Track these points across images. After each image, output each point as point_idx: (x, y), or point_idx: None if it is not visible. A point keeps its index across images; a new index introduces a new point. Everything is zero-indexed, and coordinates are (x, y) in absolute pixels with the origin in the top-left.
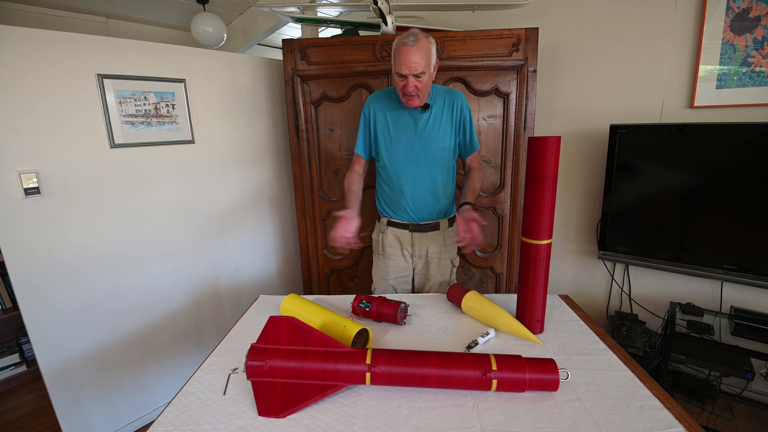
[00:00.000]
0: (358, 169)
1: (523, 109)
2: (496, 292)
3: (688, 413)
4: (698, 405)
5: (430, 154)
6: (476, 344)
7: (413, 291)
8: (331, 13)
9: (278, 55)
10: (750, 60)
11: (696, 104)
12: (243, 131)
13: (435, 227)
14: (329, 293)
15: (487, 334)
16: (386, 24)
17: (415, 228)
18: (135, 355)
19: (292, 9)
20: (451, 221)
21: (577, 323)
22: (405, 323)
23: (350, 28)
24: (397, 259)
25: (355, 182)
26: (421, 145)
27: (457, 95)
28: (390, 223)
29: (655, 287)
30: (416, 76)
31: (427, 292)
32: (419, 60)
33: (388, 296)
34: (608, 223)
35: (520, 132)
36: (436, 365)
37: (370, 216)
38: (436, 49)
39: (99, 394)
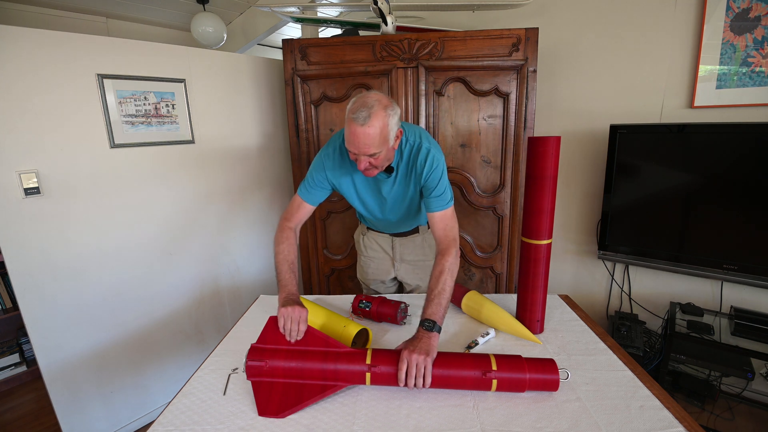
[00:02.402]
0: (295, 223)
1: (523, 109)
2: (496, 292)
3: (688, 413)
4: (698, 405)
5: (403, 207)
6: (476, 344)
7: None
8: (331, 13)
9: (278, 55)
10: (750, 60)
11: (696, 104)
12: (243, 131)
13: (415, 231)
14: (329, 293)
15: (487, 334)
16: (386, 24)
17: (397, 234)
18: (135, 355)
19: (292, 9)
20: None
21: (577, 323)
22: (405, 323)
23: (350, 28)
24: (378, 261)
25: (294, 254)
26: (392, 205)
27: (420, 158)
28: (371, 229)
29: (655, 287)
30: (370, 154)
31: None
32: (370, 142)
33: (389, 296)
34: (608, 223)
35: (520, 132)
36: (436, 365)
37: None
38: (397, 119)
39: (99, 394)
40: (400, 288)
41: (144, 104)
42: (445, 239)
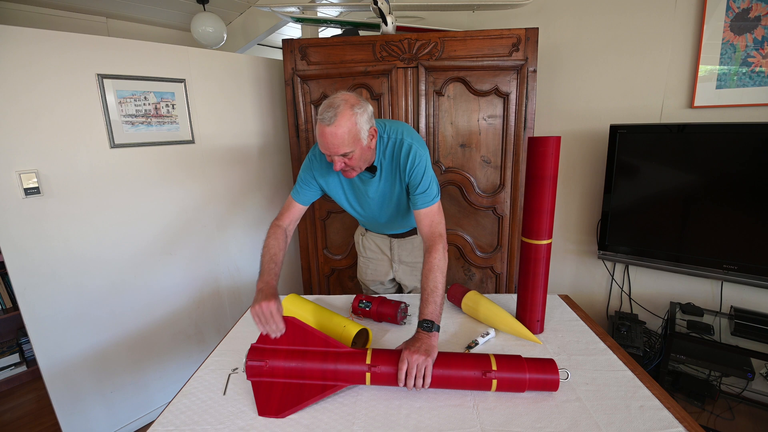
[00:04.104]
0: (287, 222)
1: (523, 109)
2: (496, 292)
3: (688, 413)
4: (698, 405)
5: (391, 206)
6: (476, 344)
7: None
8: (331, 13)
9: (278, 55)
10: (750, 60)
11: (696, 104)
12: (243, 131)
13: (413, 232)
14: (329, 293)
15: (487, 334)
16: (386, 24)
17: (394, 235)
18: (135, 355)
19: (292, 9)
20: None
21: (577, 323)
22: (405, 323)
23: (350, 28)
24: (376, 262)
25: (279, 247)
26: (380, 205)
27: (402, 154)
28: (369, 230)
29: (655, 287)
30: (342, 154)
31: None
32: (339, 142)
33: (389, 296)
34: (608, 223)
35: (520, 132)
36: (436, 365)
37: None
38: (368, 117)
39: (99, 394)
40: (400, 290)
41: (144, 104)
42: (431, 236)
